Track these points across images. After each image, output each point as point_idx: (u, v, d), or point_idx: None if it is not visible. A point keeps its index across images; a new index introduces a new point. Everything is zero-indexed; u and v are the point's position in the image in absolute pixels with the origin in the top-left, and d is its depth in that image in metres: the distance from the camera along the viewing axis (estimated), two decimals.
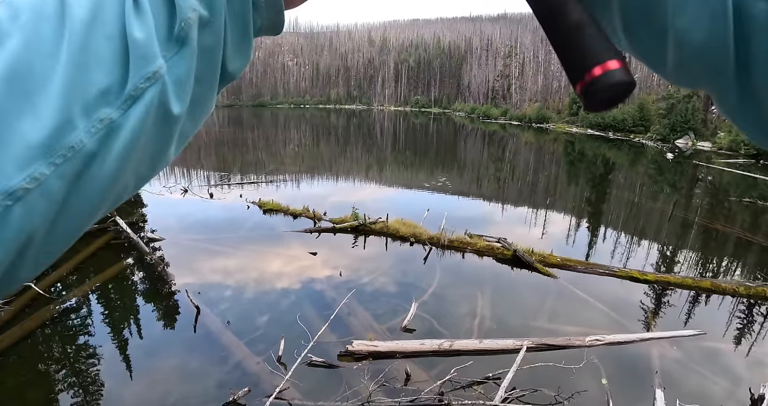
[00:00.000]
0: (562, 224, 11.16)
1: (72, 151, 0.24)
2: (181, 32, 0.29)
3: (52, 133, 0.24)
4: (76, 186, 0.26)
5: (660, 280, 7.30)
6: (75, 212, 0.27)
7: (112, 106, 0.26)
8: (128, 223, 8.53)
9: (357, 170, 17.18)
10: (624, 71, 0.30)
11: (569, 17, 0.33)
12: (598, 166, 23.08)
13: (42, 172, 0.23)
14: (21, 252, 0.24)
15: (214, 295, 6.11)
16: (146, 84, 0.27)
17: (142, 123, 0.28)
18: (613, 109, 0.33)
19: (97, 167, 0.26)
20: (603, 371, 4.78)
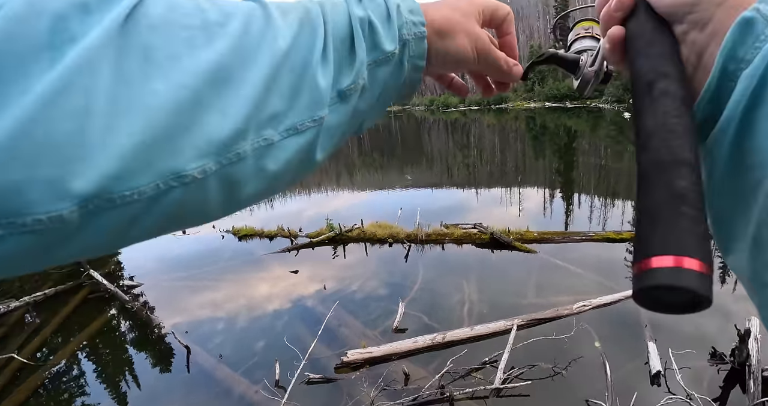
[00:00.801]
0: (537, 199, 11.33)
1: (237, 157, 0.27)
2: (348, 91, 0.34)
3: (231, 136, 0.26)
4: (224, 189, 0.28)
5: None
6: (209, 212, 0.29)
7: (275, 130, 0.29)
8: (104, 273, 8.32)
9: (327, 180, 17.10)
10: (690, 276, 0.24)
11: (673, 185, 0.27)
12: (561, 137, 23.51)
13: (210, 167, 0.26)
14: (162, 222, 0.26)
15: (205, 330, 6.01)
16: (311, 124, 0.31)
17: (292, 156, 0.31)
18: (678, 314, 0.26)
19: (244, 180, 0.29)
20: (594, 334, 4.87)
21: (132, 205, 0.23)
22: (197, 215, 0.29)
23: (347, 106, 0.34)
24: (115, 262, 9.43)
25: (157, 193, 0.24)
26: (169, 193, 0.25)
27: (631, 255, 0.28)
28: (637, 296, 0.26)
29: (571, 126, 27.87)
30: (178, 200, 0.25)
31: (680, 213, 0.26)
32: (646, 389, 4.08)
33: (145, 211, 0.24)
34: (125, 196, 0.23)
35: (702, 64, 0.34)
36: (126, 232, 0.25)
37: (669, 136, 0.29)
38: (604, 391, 3.99)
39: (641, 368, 4.35)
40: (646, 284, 0.25)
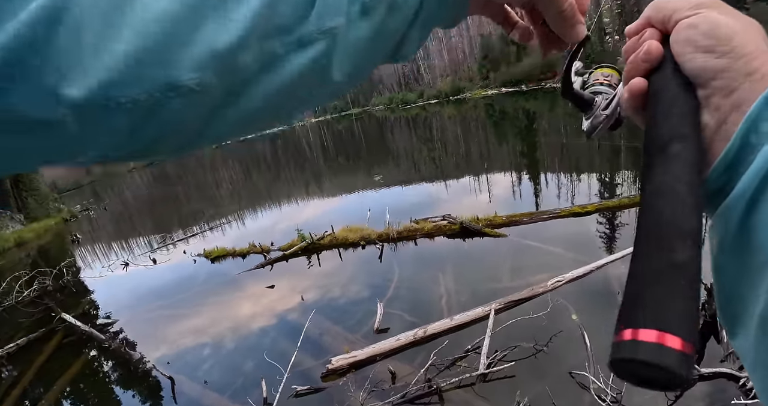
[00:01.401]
0: (505, 183, 11.49)
1: (238, 70, 0.26)
2: (371, 4, 0.30)
3: (231, 47, 0.25)
4: (228, 103, 0.27)
5: (600, 208, 7.67)
6: (214, 126, 0.28)
7: (281, 42, 0.27)
8: (78, 315, 8.07)
9: (296, 191, 17.00)
10: (670, 355, 0.23)
11: (673, 257, 0.26)
12: (521, 120, 23.92)
13: (210, 79, 0.25)
14: (165, 133, 0.26)
15: (191, 357, 5.89)
16: (320, 36, 0.29)
17: (300, 71, 0.29)
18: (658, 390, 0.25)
19: (248, 93, 0.27)
20: (571, 308, 4.97)
21: (129, 113, 0.23)
22: (198, 130, 0.28)
23: (371, 21, 0.31)
24: (89, 301, 9.16)
25: (152, 103, 0.23)
26: (167, 104, 0.24)
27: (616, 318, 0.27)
28: (614, 364, 0.26)
29: (530, 108, 28.38)
30: (177, 111, 0.25)
31: (676, 287, 0.25)
32: None
33: (144, 120, 0.24)
34: (120, 104, 0.22)
35: (721, 132, 0.33)
36: (128, 140, 0.25)
37: (676, 203, 0.29)
38: (585, 361, 4.07)
39: None
40: (624, 355, 0.25)
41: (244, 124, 0.30)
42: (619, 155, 11.84)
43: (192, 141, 0.29)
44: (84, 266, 12.01)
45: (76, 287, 9.97)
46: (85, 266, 12.09)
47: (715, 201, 0.32)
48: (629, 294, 0.27)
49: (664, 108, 0.35)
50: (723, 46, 0.34)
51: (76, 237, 16.41)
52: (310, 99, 0.33)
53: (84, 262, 12.70)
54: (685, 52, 0.35)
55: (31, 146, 0.22)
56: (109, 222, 20.13)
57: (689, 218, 0.28)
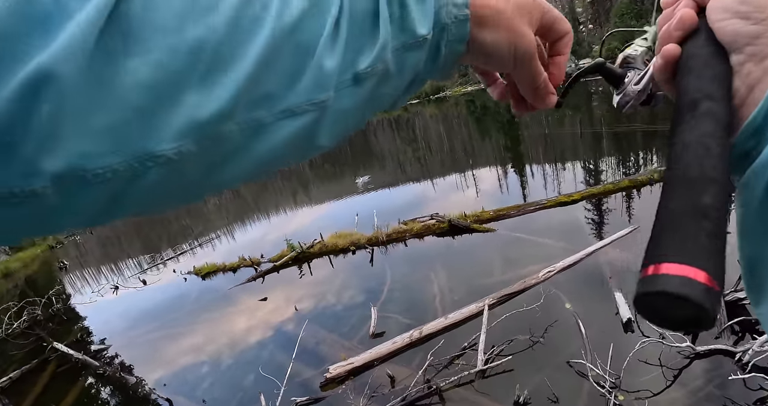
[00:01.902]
0: (491, 178, 11.52)
1: (219, 138, 0.25)
2: (365, 75, 0.31)
3: (214, 116, 0.24)
4: (208, 170, 0.27)
5: (585, 195, 7.72)
6: (193, 191, 0.28)
7: (268, 112, 0.27)
8: (71, 342, 7.93)
9: (284, 200, 16.90)
10: (695, 285, 0.23)
11: (699, 199, 0.27)
12: (502, 114, 24.00)
13: (189, 149, 0.24)
14: (143, 201, 0.26)
15: (188, 377, 5.81)
16: (310, 107, 0.28)
17: (287, 139, 0.28)
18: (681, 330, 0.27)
19: (231, 161, 0.27)
20: (564, 297, 4.98)
21: (108, 183, 0.23)
22: (182, 193, 0.28)
23: (362, 90, 0.31)
24: (80, 328, 9.00)
25: (132, 174, 0.23)
26: (146, 173, 0.23)
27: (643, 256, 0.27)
28: (639, 301, 0.25)
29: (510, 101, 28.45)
30: (156, 180, 0.24)
31: (701, 227, 0.26)
32: (620, 337, 4.19)
33: (123, 189, 0.24)
34: (98, 174, 0.22)
35: (751, 97, 0.34)
36: (111, 208, 0.25)
37: (704, 154, 0.29)
38: (582, 349, 4.07)
39: (613, 319, 4.46)
40: (648, 289, 0.24)
41: (219, 187, 0.30)
42: (601, 142, 11.95)
43: (175, 202, 0.29)
44: (73, 293, 11.80)
45: (66, 314, 9.79)
46: (75, 292, 11.89)
47: (742, 166, 0.32)
48: (655, 234, 0.27)
49: (697, 70, 0.36)
50: (759, 13, 0.34)
51: (63, 264, 16.16)
52: (293, 160, 0.33)
53: (73, 288, 12.48)
54: (722, 19, 0.36)
55: (10, 220, 0.22)
56: (96, 246, 19.86)
57: (717, 169, 0.28)
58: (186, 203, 0.30)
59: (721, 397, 3.36)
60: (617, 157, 10.66)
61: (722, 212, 0.27)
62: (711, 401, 3.36)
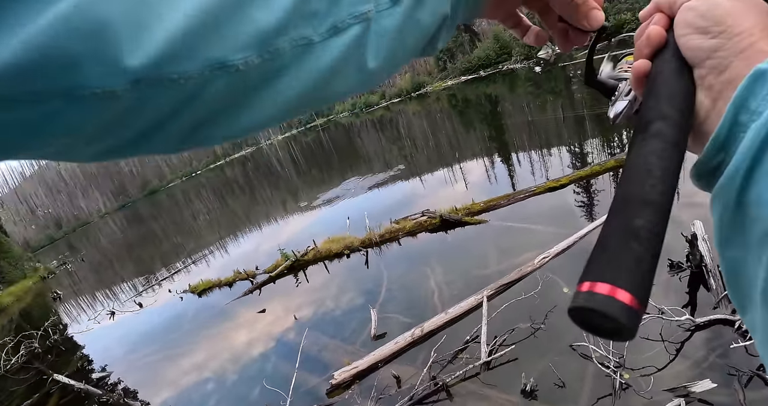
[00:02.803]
0: (478, 170, 11.52)
1: (276, 53, 0.27)
2: None
3: (273, 29, 0.26)
4: (269, 85, 0.28)
5: (573, 179, 7.74)
6: (257, 107, 0.29)
7: (315, 30, 0.28)
8: (72, 372, 7.82)
9: (275, 210, 16.83)
10: (617, 306, 0.26)
11: (630, 222, 0.29)
12: (484, 106, 24.14)
13: (253, 60, 0.26)
14: (209, 113, 0.27)
15: (193, 396, 5.75)
16: (353, 21, 0.30)
17: (336, 58, 0.30)
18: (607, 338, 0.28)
19: (283, 79, 0.29)
20: (561, 281, 4.99)
21: (181, 88, 0.24)
22: (246, 110, 0.29)
23: (400, 9, 0.32)
24: (80, 357, 8.88)
25: (202, 80, 0.25)
26: (215, 82, 0.25)
27: None
28: (571, 312, 0.28)
29: (491, 92, 28.63)
30: (222, 90, 0.26)
31: (628, 248, 0.28)
32: None
33: (193, 96, 0.25)
34: (173, 79, 0.24)
35: (716, 110, 0.35)
36: (177, 115, 0.26)
37: (645, 176, 0.31)
38: (584, 332, 4.07)
39: None
40: (578, 304, 0.27)
41: (279, 112, 0.31)
42: (584, 125, 12.00)
43: (225, 128, 0.30)
44: (70, 322, 11.65)
45: (64, 344, 9.66)
46: (71, 321, 11.74)
47: (712, 179, 0.32)
48: (594, 253, 0.29)
49: (656, 89, 0.37)
50: (717, 26, 0.35)
51: (56, 294, 15.96)
52: (348, 86, 0.34)
53: (69, 318, 12.33)
54: (683, 34, 0.37)
55: (86, 121, 0.23)
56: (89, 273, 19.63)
57: (654, 190, 0.30)
58: (255, 125, 0.31)
59: (724, 366, 3.38)
60: (601, 138, 10.72)
61: (655, 234, 0.28)
62: (715, 370, 3.38)
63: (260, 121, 0.31)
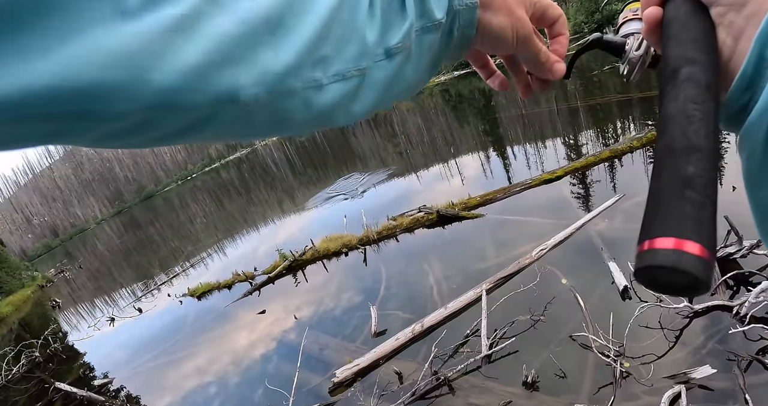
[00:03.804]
0: (474, 164, 11.52)
1: (288, 92, 0.30)
2: (395, 50, 0.36)
3: (283, 71, 0.29)
4: (274, 117, 0.31)
5: (568, 170, 7.76)
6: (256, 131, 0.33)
7: (324, 73, 0.32)
8: (74, 380, 7.80)
9: (271, 210, 16.79)
10: (688, 258, 0.25)
11: (680, 170, 0.28)
12: (477, 100, 24.13)
13: (262, 96, 0.29)
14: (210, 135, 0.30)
15: (196, 399, 5.73)
16: (355, 73, 0.34)
17: (335, 99, 0.33)
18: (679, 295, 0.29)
19: (292, 113, 0.32)
20: (559, 273, 5.00)
21: (190, 114, 0.27)
22: (242, 133, 0.32)
23: (393, 64, 0.36)
24: (81, 365, 8.85)
25: (211, 112, 0.27)
26: (222, 114, 0.28)
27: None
28: (638, 274, 0.27)
29: (484, 87, 28.61)
30: (227, 120, 0.29)
31: (684, 198, 0.27)
32: (619, 305, 4.21)
33: (198, 124, 0.28)
34: (184, 107, 0.26)
35: (738, 48, 0.33)
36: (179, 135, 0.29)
37: (685, 123, 0.30)
38: (583, 321, 4.09)
39: (610, 289, 4.49)
40: (646, 263, 0.26)
41: (281, 133, 0.35)
42: (578, 116, 12.01)
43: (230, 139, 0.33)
44: (70, 330, 11.61)
45: (65, 353, 9.62)
46: (71, 329, 11.70)
47: (740, 119, 0.32)
48: (648, 210, 0.29)
49: (676, 34, 0.36)
50: None
51: (55, 302, 15.90)
52: (332, 122, 0.37)
53: (69, 325, 12.28)
54: None
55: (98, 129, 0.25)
56: (87, 280, 19.55)
57: (698, 135, 0.29)
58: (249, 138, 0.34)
59: (723, 351, 3.40)
60: (595, 129, 10.74)
61: (708, 179, 0.28)
62: (714, 356, 3.39)
63: (255, 137, 0.35)
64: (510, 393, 3.68)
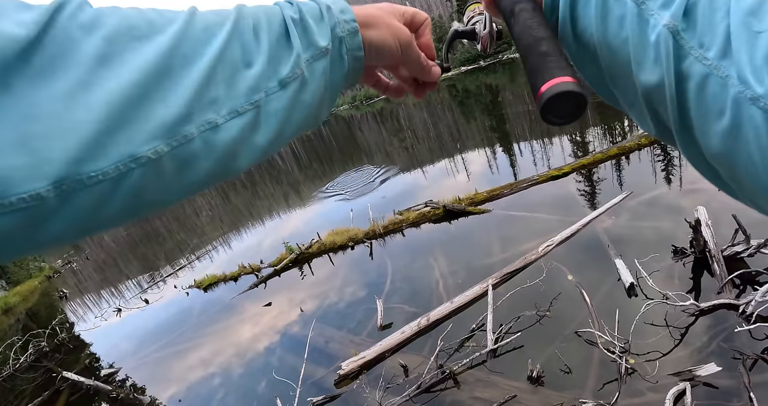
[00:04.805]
0: (480, 160, 11.50)
1: (185, 138, 0.31)
2: (288, 80, 0.39)
3: (175, 120, 0.30)
4: (180, 168, 0.32)
5: (575, 167, 7.74)
6: (170, 191, 0.33)
7: (217, 114, 0.33)
8: (81, 370, 7.88)
9: (277, 204, 16.83)
10: (569, 84, 0.36)
11: (539, 50, 0.40)
12: (485, 96, 24.03)
13: (162, 149, 0.30)
14: (129, 204, 0.30)
15: (201, 391, 5.78)
16: (249, 107, 0.35)
17: (236, 135, 0.34)
18: (572, 121, 0.39)
19: (196, 159, 0.32)
20: (565, 269, 5.00)
21: (99, 185, 0.27)
22: (160, 194, 0.32)
23: (288, 92, 0.38)
24: (88, 355, 8.94)
25: (119, 174, 0.28)
26: (130, 174, 0.28)
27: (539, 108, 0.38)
28: (543, 110, 0.37)
29: (491, 82, 28.55)
30: (138, 180, 0.29)
31: (548, 61, 0.39)
32: (625, 302, 4.22)
33: (112, 191, 0.28)
34: (92, 177, 0.26)
35: None
36: (99, 212, 0.29)
37: (529, 30, 0.43)
38: (588, 318, 4.10)
39: (616, 285, 4.49)
40: (545, 100, 0.36)
41: (192, 187, 0.35)
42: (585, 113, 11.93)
43: (157, 204, 0.33)
44: (77, 320, 11.72)
45: (72, 342, 9.72)
46: (78, 319, 11.80)
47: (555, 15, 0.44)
48: (531, 75, 0.39)
49: None
50: None
51: (63, 293, 16.04)
52: (243, 164, 0.38)
53: (76, 316, 12.39)
54: None
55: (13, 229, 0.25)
56: (94, 271, 19.69)
57: (539, 32, 0.42)
58: (166, 206, 0.34)
59: (729, 350, 3.40)
60: (602, 126, 10.68)
61: (556, 50, 0.40)
62: (720, 355, 3.40)
63: (181, 194, 0.34)
64: (515, 388, 3.70)
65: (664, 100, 0.35)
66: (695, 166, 0.38)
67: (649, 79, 0.36)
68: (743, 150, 0.31)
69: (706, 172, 0.37)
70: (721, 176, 0.36)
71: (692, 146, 0.36)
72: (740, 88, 0.30)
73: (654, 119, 0.39)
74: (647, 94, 0.37)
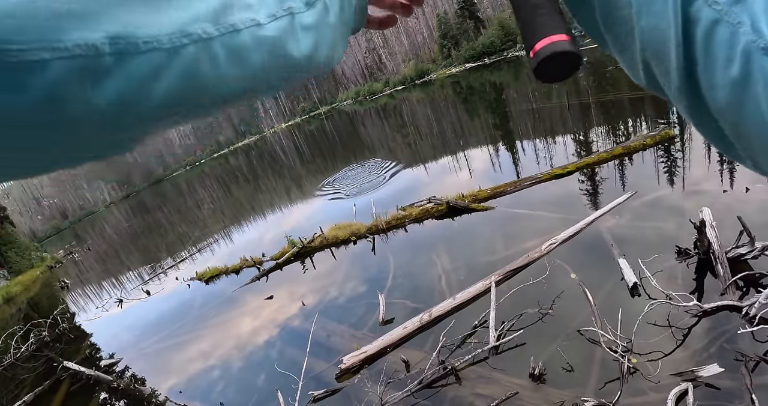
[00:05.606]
0: (483, 157, 11.49)
1: (232, 28, 0.31)
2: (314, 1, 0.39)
3: (217, 8, 0.30)
4: (231, 55, 0.32)
5: (580, 166, 7.72)
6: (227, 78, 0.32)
7: (257, 14, 0.34)
8: (81, 360, 7.92)
9: (279, 198, 16.84)
10: (563, 43, 0.36)
11: (530, 4, 0.40)
12: (489, 93, 23.96)
13: (211, 31, 0.30)
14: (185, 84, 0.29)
15: (201, 382, 5.81)
16: (284, 13, 0.36)
17: (278, 35, 0.35)
18: (565, 80, 0.39)
19: (246, 49, 0.33)
20: (568, 267, 5.00)
21: (154, 52, 0.27)
22: (217, 81, 0.32)
23: (314, 11, 0.39)
24: (89, 345, 8.98)
25: (173, 47, 0.28)
26: (184, 49, 0.28)
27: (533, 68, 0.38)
28: (536, 72, 0.37)
29: (495, 80, 28.44)
30: (192, 57, 0.29)
31: (541, 14, 0.38)
32: (628, 302, 4.21)
33: (167, 62, 0.28)
34: (147, 42, 0.26)
35: None
36: (154, 84, 0.28)
37: None
38: (591, 316, 4.10)
39: (619, 285, 4.49)
40: (539, 59, 0.36)
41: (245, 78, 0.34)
42: (589, 112, 11.91)
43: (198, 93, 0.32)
44: (78, 311, 11.77)
45: (73, 332, 9.77)
46: (79, 310, 11.86)
47: None
48: (524, 33, 0.39)
49: None
50: None
51: (64, 283, 16.10)
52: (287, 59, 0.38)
53: (77, 306, 12.45)
54: None
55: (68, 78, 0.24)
56: (95, 262, 19.76)
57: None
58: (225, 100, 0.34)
59: (731, 351, 3.40)
60: (607, 125, 10.65)
61: (550, 6, 0.39)
62: (722, 356, 3.39)
63: (232, 94, 0.34)
64: (516, 385, 3.71)
65: (666, 48, 0.33)
66: (695, 123, 0.37)
67: (651, 23, 0.34)
68: (752, 103, 0.29)
69: (706, 128, 0.36)
70: (725, 134, 0.34)
71: (695, 100, 0.34)
72: (752, 36, 0.29)
73: (645, 69, 0.38)
74: (647, 41, 0.35)
